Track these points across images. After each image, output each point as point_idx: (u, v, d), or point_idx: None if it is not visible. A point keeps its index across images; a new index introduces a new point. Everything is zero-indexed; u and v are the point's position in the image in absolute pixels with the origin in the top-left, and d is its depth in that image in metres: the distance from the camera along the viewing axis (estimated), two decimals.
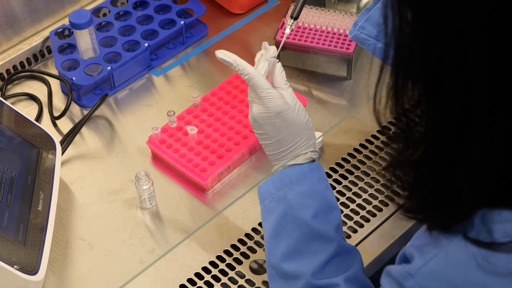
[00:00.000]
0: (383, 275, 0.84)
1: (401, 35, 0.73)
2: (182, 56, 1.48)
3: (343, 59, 1.40)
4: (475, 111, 0.70)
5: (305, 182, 1.05)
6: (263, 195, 1.08)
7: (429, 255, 0.77)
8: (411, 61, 0.73)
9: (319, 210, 1.03)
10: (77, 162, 1.32)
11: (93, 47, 1.41)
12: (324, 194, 1.05)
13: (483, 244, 0.73)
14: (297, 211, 1.03)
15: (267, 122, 1.10)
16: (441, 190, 0.76)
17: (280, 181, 1.06)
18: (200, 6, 1.51)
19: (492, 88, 0.69)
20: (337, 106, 1.39)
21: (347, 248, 1.03)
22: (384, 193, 1.25)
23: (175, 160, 1.27)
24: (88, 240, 1.21)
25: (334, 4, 1.48)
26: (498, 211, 0.74)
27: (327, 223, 1.03)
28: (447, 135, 0.73)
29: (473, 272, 0.74)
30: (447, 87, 0.71)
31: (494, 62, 0.68)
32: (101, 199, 1.26)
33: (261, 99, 1.10)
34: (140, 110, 1.40)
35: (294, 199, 1.04)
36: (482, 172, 0.72)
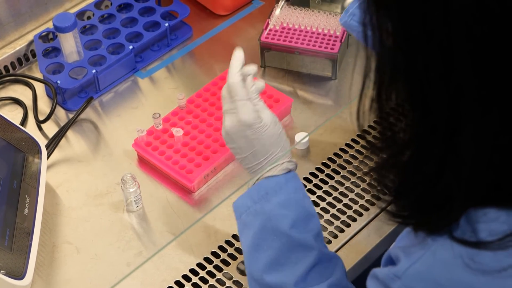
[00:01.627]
0: (369, 278, 0.84)
1: (383, 46, 0.72)
2: (167, 58, 1.48)
3: (328, 59, 1.40)
4: (464, 118, 0.69)
5: (281, 193, 1.04)
6: (240, 209, 1.06)
7: (415, 256, 0.77)
8: (395, 72, 0.72)
9: (297, 220, 1.02)
10: (63, 165, 1.32)
11: (77, 50, 1.41)
12: (302, 203, 1.04)
13: (469, 243, 0.73)
14: (275, 222, 1.02)
15: (239, 135, 1.07)
16: (428, 196, 0.76)
17: (256, 194, 1.05)
18: (185, 8, 1.51)
19: (481, 94, 0.68)
20: (323, 106, 1.39)
21: (328, 255, 1.02)
22: (371, 193, 1.25)
23: (161, 163, 1.27)
24: (75, 243, 1.21)
25: (318, 5, 1.49)
26: (483, 211, 0.74)
27: (306, 231, 1.02)
28: (434, 144, 0.72)
29: (459, 272, 0.74)
30: (434, 96, 0.70)
31: (481, 68, 0.67)
32: (88, 203, 1.26)
33: (236, 108, 1.07)
34: (125, 112, 1.39)
35: (271, 211, 1.03)
36: (471, 176, 0.72)
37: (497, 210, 0.74)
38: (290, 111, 1.37)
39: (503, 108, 0.69)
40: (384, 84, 0.74)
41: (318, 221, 1.04)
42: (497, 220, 0.73)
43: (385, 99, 0.74)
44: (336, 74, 1.42)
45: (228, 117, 1.08)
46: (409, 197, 0.78)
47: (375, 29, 0.72)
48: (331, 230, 1.21)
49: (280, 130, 1.09)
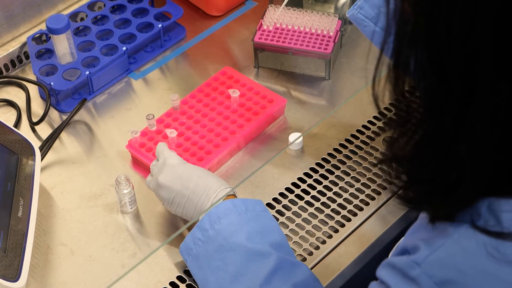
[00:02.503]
0: (383, 268, 0.82)
1: (403, 15, 0.72)
2: (161, 59, 1.48)
3: (321, 60, 1.40)
4: (479, 84, 0.70)
5: (232, 214, 1.06)
6: (189, 246, 1.07)
7: (436, 244, 0.76)
8: (414, 40, 0.73)
9: (252, 233, 1.04)
10: (57, 167, 1.31)
11: (70, 51, 1.41)
12: (253, 220, 1.06)
13: (492, 233, 0.73)
14: (230, 239, 1.03)
15: (173, 180, 1.13)
16: (441, 176, 0.75)
17: (208, 222, 1.06)
18: (178, 8, 1.51)
19: (498, 59, 0.69)
20: (316, 106, 1.39)
21: (291, 261, 1.02)
22: (365, 193, 1.25)
23: None
24: (69, 245, 1.21)
25: (311, 5, 1.49)
26: (507, 200, 0.74)
27: (263, 242, 1.03)
28: (449, 112, 0.72)
29: (483, 260, 0.73)
30: (453, 59, 0.70)
31: (502, 32, 0.68)
32: (82, 204, 1.26)
33: (164, 161, 1.16)
34: (119, 114, 1.39)
35: (225, 230, 1.04)
36: (484, 152, 0.72)
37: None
38: (284, 112, 1.37)
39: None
40: (402, 50, 0.74)
41: (278, 235, 1.05)
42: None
43: (402, 68, 0.74)
44: (329, 74, 1.42)
45: (159, 175, 1.15)
46: (422, 177, 0.78)
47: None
48: (325, 230, 1.21)
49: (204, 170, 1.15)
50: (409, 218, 1.22)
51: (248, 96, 1.36)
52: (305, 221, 1.22)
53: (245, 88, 1.37)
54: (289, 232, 1.21)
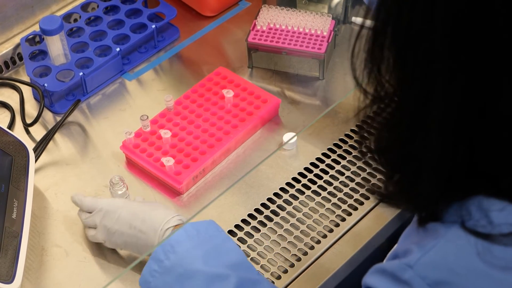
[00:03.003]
0: (372, 274, 0.82)
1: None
2: (155, 60, 1.48)
3: (315, 59, 1.40)
4: (433, 82, 0.71)
5: (184, 240, 1.03)
6: (147, 279, 1.04)
7: (428, 246, 0.76)
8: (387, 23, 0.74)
9: (207, 256, 1.01)
10: (51, 169, 1.31)
11: (64, 53, 1.40)
12: (207, 243, 1.03)
13: (481, 235, 0.73)
14: (188, 266, 1.01)
15: (120, 224, 1.13)
16: (405, 165, 0.77)
17: (162, 252, 1.04)
18: (171, 9, 1.51)
19: (450, 62, 0.70)
20: (310, 106, 1.39)
21: (251, 279, 1.01)
22: (360, 192, 1.26)
23: (150, 164, 1.27)
24: (64, 247, 1.21)
25: (305, 5, 1.49)
26: (495, 200, 0.74)
27: (220, 264, 1.01)
28: (407, 107, 0.74)
29: (475, 260, 0.74)
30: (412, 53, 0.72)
31: (454, 38, 0.69)
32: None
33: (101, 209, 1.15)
34: (113, 115, 1.39)
35: (181, 258, 1.02)
36: (437, 149, 0.73)
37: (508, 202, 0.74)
38: (278, 112, 1.37)
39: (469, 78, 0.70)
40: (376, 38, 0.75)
41: (235, 254, 1.03)
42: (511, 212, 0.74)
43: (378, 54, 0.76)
44: (323, 74, 1.42)
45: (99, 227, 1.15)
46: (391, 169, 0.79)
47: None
48: (320, 230, 1.21)
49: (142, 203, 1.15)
50: (404, 217, 1.23)
51: (242, 97, 1.36)
52: (299, 221, 1.22)
53: (239, 89, 1.37)
54: (283, 232, 1.21)
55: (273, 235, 1.21)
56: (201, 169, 1.27)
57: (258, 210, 1.24)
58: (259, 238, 1.20)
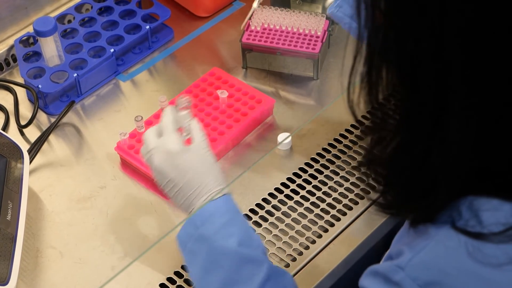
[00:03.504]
0: (366, 277, 0.82)
1: (375, 25, 0.73)
2: (149, 61, 1.48)
3: (309, 59, 1.40)
4: (450, 97, 0.70)
5: (224, 214, 1.03)
6: (184, 239, 1.04)
7: (419, 247, 0.76)
8: (386, 49, 0.73)
9: (243, 237, 1.01)
10: (45, 170, 1.31)
11: (58, 54, 1.40)
12: (243, 222, 1.04)
13: (472, 234, 0.73)
14: (222, 242, 1.01)
15: (170, 168, 1.07)
16: (416, 181, 0.76)
17: (199, 219, 1.03)
18: (165, 10, 1.51)
19: (468, 72, 0.69)
20: (305, 106, 1.39)
21: (278, 271, 1.01)
22: (354, 192, 1.26)
23: (144, 165, 1.27)
24: (59, 248, 1.21)
25: (299, 5, 1.49)
26: (487, 199, 0.74)
27: (253, 248, 1.01)
28: (422, 123, 0.73)
29: (465, 260, 0.74)
30: (423, 73, 0.71)
31: (470, 46, 0.68)
32: (71, 207, 1.26)
33: (163, 143, 1.08)
34: (107, 116, 1.39)
35: (217, 232, 1.02)
36: (457, 160, 0.73)
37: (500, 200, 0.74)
38: (273, 112, 1.37)
39: (487, 90, 0.70)
40: (374, 62, 0.75)
41: (260, 240, 1.04)
42: (501, 210, 0.74)
43: (375, 78, 0.75)
44: (317, 74, 1.42)
45: (155, 156, 1.08)
46: (398, 183, 0.79)
47: (368, 6, 0.73)
48: (315, 230, 1.21)
49: (212, 159, 1.08)
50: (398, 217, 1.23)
51: (237, 97, 1.36)
52: (294, 221, 1.22)
53: (234, 89, 1.37)
54: (278, 232, 1.21)
55: (268, 235, 1.21)
56: None
57: (253, 210, 1.24)
58: None
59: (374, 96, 0.76)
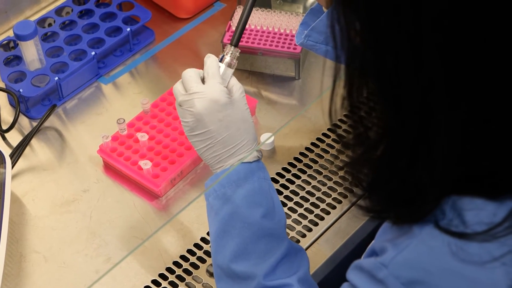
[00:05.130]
0: (352, 270, 0.83)
1: (351, 45, 0.73)
2: (130, 63, 1.48)
3: (291, 59, 1.40)
4: (434, 111, 0.70)
5: (254, 180, 1.02)
6: (208, 192, 1.03)
7: (402, 245, 0.76)
8: (364, 70, 0.73)
9: (268, 209, 1.01)
10: (28, 174, 1.31)
11: (39, 58, 1.40)
12: (270, 194, 1.03)
13: (455, 234, 0.74)
14: (246, 210, 1.00)
15: (213, 119, 1.03)
16: (402, 189, 0.76)
17: (226, 177, 1.01)
18: (146, 12, 1.50)
19: (449, 85, 0.69)
20: (287, 106, 1.39)
21: (295, 248, 1.02)
22: (338, 191, 1.26)
23: (127, 168, 1.27)
24: (43, 253, 1.20)
25: (279, 5, 1.49)
26: (470, 199, 0.74)
27: (276, 222, 1.01)
28: (405, 137, 0.73)
29: (448, 259, 0.74)
30: (404, 89, 0.71)
31: (449, 60, 0.68)
32: (54, 211, 1.25)
33: (207, 90, 1.04)
34: (90, 119, 1.39)
35: (243, 198, 1.00)
36: (442, 170, 0.73)
37: (484, 200, 0.74)
38: (255, 112, 1.37)
39: (471, 100, 0.70)
40: (354, 82, 0.75)
41: (284, 214, 1.04)
42: (485, 210, 0.74)
43: (356, 96, 0.75)
44: (299, 74, 1.42)
45: (199, 101, 1.03)
46: (382, 191, 0.79)
47: (343, 28, 0.73)
48: (299, 230, 1.21)
49: (251, 117, 1.07)
50: None
51: None
52: None
53: None
54: None
55: None
56: (179, 171, 1.27)
57: None
58: None
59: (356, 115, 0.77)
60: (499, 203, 0.74)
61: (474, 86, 0.70)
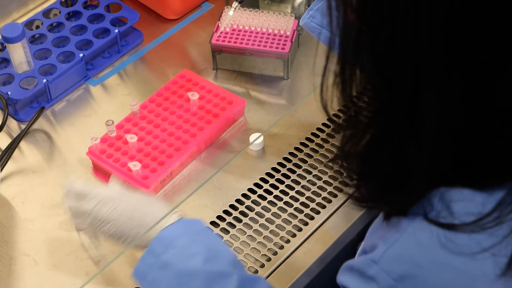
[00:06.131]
0: (342, 273, 0.82)
1: (346, 23, 0.73)
2: (119, 65, 1.48)
3: (279, 59, 1.40)
4: (426, 90, 0.70)
5: (184, 236, 1.02)
6: (144, 270, 1.02)
7: (391, 240, 0.76)
8: (359, 47, 0.73)
9: (207, 254, 1.00)
10: (17, 177, 1.30)
11: (27, 60, 1.39)
12: (206, 240, 1.02)
13: (443, 225, 0.74)
14: (187, 263, 0.99)
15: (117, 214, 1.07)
16: (390, 175, 0.76)
17: (158, 247, 1.02)
18: (134, 13, 1.50)
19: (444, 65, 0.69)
20: (276, 106, 1.39)
21: (250, 278, 0.99)
22: (327, 190, 1.26)
23: (116, 170, 1.27)
24: (32, 255, 1.20)
25: (267, 5, 1.49)
26: (458, 190, 0.75)
27: (220, 262, 0.99)
28: (397, 117, 0.73)
29: (438, 252, 0.74)
30: (398, 67, 0.71)
31: (446, 37, 0.68)
32: (44, 213, 1.25)
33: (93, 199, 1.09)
34: (78, 121, 1.38)
35: (179, 254, 1.00)
36: (432, 152, 0.73)
37: (472, 191, 0.74)
38: (244, 113, 1.37)
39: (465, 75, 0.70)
40: (348, 58, 0.75)
41: (230, 252, 1.02)
42: (473, 201, 0.74)
43: (348, 76, 0.75)
44: (288, 73, 1.42)
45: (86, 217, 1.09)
46: (372, 177, 0.79)
47: (339, 5, 0.73)
48: (289, 230, 1.21)
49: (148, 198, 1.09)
50: (372, 213, 1.23)
51: (208, 99, 1.35)
52: (268, 221, 1.22)
53: (204, 91, 1.37)
54: (253, 232, 1.21)
55: (243, 236, 1.21)
56: (168, 172, 1.27)
57: (227, 211, 1.24)
58: (228, 239, 1.20)
59: (348, 93, 0.76)
60: (488, 194, 0.74)
61: (467, 68, 0.70)
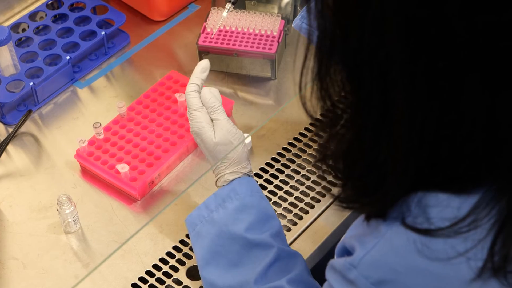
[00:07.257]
0: (328, 269, 0.84)
1: (323, 20, 0.74)
2: (106, 67, 1.47)
3: (266, 60, 1.40)
4: (393, 91, 0.71)
5: (236, 198, 1.08)
6: (194, 221, 1.10)
7: (370, 245, 0.77)
8: (333, 45, 0.74)
9: (253, 222, 1.06)
10: (4, 181, 1.30)
11: (13, 63, 1.39)
12: (258, 207, 1.08)
13: (420, 231, 0.74)
14: (231, 227, 1.06)
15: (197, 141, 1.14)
16: (368, 175, 0.77)
17: (213, 202, 1.09)
18: (120, 15, 1.50)
19: (408, 67, 0.70)
20: (264, 106, 1.39)
21: (288, 252, 1.05)
22: (316, 190, 1.26)
23: (104, 172, 1.26)
24: (21, 259, 1.19)
25: (254, 6, 1.49)
26: (434, 195, 0.75)
27: (262, 232, 1.05)
28: (369, 118, 0.74)
29: (414, 258, 0.74)
30: (366, 69, 0.71)
31: (410, 41, 0.69)
32: (32, 217, 1.25)
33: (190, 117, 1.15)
34: (66, 124, 1.38)
35: (227, 217, 1.07)
36: (404, 153, 0.73)
37: (448, 195, 0.74)
38: (232, 113, 1.37)
39: (429, 81, 0.70)
40: (323, 59, 0.75)
41: (276, 221, 1.08)
42: (449, 206, 0.74)
43: (324, 77, 0.75)
44: (275, 74, 1.42)
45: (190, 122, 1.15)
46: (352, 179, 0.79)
47: (317, 4, 0.73)
48: None
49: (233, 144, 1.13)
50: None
51: None
52: None
53: None
54: None
55: None
56: (156, 174, 1.27)
57: None
58: None
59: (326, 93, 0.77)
60: (464, 198, 0.74)
61: (432, 69, 0.70)
